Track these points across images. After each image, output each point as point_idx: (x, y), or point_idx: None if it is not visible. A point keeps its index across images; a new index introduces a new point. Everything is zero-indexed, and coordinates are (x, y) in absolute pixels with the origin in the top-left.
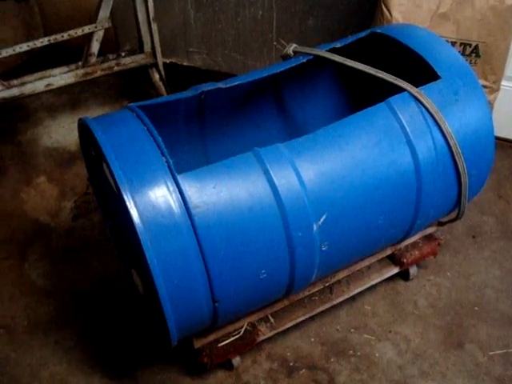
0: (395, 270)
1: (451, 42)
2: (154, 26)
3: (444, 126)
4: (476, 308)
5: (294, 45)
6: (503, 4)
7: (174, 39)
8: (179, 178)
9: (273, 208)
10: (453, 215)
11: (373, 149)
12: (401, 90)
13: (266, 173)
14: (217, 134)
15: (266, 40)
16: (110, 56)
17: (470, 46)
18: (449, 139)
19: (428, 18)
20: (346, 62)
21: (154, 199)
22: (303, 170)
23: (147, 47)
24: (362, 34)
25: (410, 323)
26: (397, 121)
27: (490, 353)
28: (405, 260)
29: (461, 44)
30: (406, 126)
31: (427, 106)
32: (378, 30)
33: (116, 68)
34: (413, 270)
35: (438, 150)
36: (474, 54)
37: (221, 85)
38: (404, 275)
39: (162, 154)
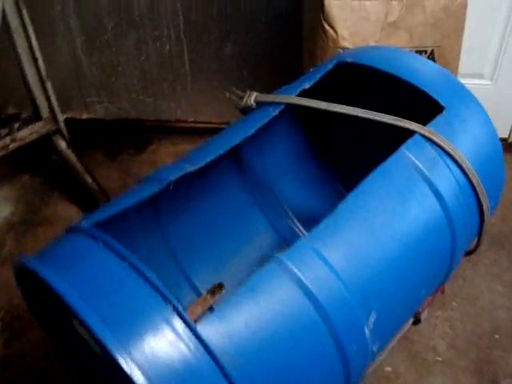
0: (411, 321)
1: None
2: (49, 85)
3: (466, 165)
4: (496, 335)
5: (255, 93)
6: (454, 2)
7: (66, 91)
8: (199, 328)
9: (319, 326)
10: (470, 247)
11: (402, 213)
12: (392, 127)
13: (299, 283)
14: (173, 212)
15: (178, 76)
16: (2, 131)
17: (426, 52)
18: (471, 178)
19: (377, 29)
20: (332, 109)
21: (171, 367)
22: (338, 265)
23: (45, 112)
24: (329, 67)
25: (437, 374)
26: (417, 171)
27: None
28: (420, 309)
29: (416, 52)
30: (428, 175)
31: (444, 146)
32: (349, 59)
33: (12, 145)
34: (424, 315)
35: (463, 191)
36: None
37: (189, 167)
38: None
39: (165, 299)
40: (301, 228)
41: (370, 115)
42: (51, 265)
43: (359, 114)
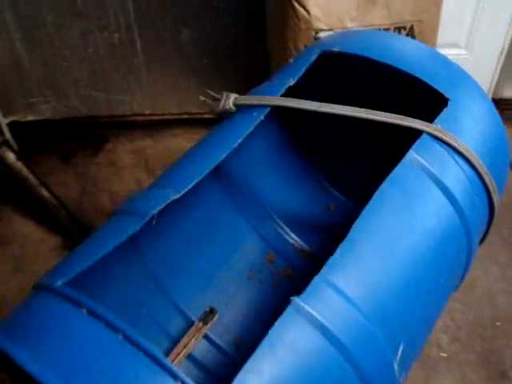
0: None
1: (384, 29)
2: None
3: (479, 164)
4: (498, 323)
5: (233, 95)
6: None
7: (7, 91)
8: None
9: (350, 376)
10: None
11: (421, 228)
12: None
13: (323, 330)
14: (148, 230)
15: (131, 67)
16: None
17: (405, 28)
18: (484, 176)
19: (353, 7)
20: (325, 110)
21: None
22: (361, 300)
23: None
24: (312, 58)
25: (445, 371)
26: (431, 178)
27: None
28: None
29: (395, 29)
30: (442, 180)
31: (456, 146)
32: (334, 49)
33: None
34: None
35: (476, 192)
36: (409, 37)
37: (173, 194)
38: None
39: (174, 376)
40: (287, 230)
41: (371, 115)
42: (26, 343)
43: (358, 115)
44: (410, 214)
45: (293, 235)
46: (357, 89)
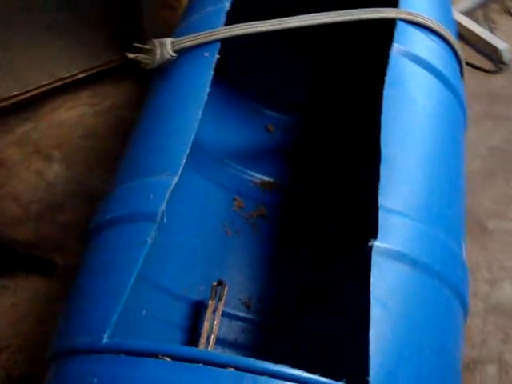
0: None
1: None
2: None
3: (451, 39)
4: None
5: (169, 40)
6: None
7: None
8: None
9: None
10: None
11: (434, 120)
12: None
13: (408, 261)
14: None
15: None
16: None
17: None
18: (457, 50)
19: None
20: (288, 25)
21: None
22: (424, 215)
23: None
24: None
25: None
26: (422, 66)
27: None
28: None
29: None
30: (434, 65)
31: (430, 25)
32: None
33: None
34: None
35: (454, 65)
36: None
37: (168, 179)
38: None
39: None
40: (240, 168)
41: (340, 17)
42: None
43: (328, 20)
44: (422, 110)
45: (248, 171)
46: None
